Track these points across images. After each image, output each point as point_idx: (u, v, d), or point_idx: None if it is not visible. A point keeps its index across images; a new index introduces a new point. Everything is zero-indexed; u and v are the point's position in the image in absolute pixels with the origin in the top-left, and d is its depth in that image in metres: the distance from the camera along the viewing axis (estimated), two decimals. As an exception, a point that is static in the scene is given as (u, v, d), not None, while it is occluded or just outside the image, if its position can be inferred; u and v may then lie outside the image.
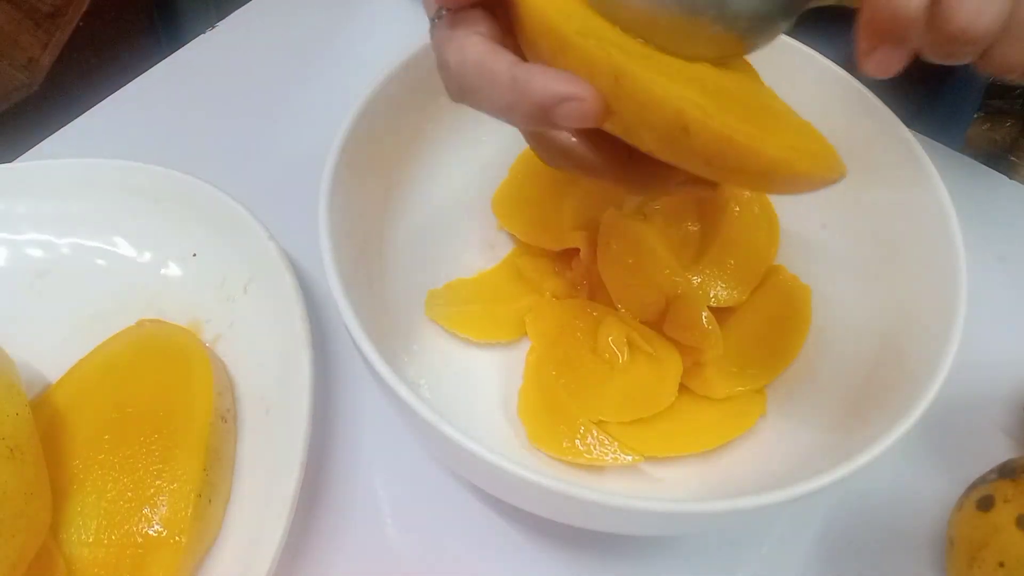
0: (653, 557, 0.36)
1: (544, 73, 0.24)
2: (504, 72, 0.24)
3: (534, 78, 0.24)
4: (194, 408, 0.35)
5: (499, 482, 0.30)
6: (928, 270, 0.34)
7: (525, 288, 0.41)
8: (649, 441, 0.36)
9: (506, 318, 0.40)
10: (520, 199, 0.43)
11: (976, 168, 0.50)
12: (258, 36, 0.56)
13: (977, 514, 0.33)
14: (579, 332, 0.39)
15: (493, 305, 0.40)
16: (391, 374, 0.29)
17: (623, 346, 0.37)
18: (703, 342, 0.37)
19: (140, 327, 0.39)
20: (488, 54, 0.25)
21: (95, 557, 0.32)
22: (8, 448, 0.31)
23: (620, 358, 0.37)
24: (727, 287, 0.40)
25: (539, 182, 0.43)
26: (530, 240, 0.42)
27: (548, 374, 0.37)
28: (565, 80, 0.23)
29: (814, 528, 0.37)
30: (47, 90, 0.60)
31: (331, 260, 0.31)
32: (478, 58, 0.25)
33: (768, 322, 0.39)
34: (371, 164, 0.38)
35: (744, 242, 0.41)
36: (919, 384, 0.30)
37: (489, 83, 0.25)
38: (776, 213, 0.42)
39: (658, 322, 0.38)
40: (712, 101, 0.23)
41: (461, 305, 0.40)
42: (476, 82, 0.25)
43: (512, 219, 0.43)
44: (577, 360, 0.38)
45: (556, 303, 0.40)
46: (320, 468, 0.38)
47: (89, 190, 0.42)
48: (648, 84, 0.23)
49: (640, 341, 0.37)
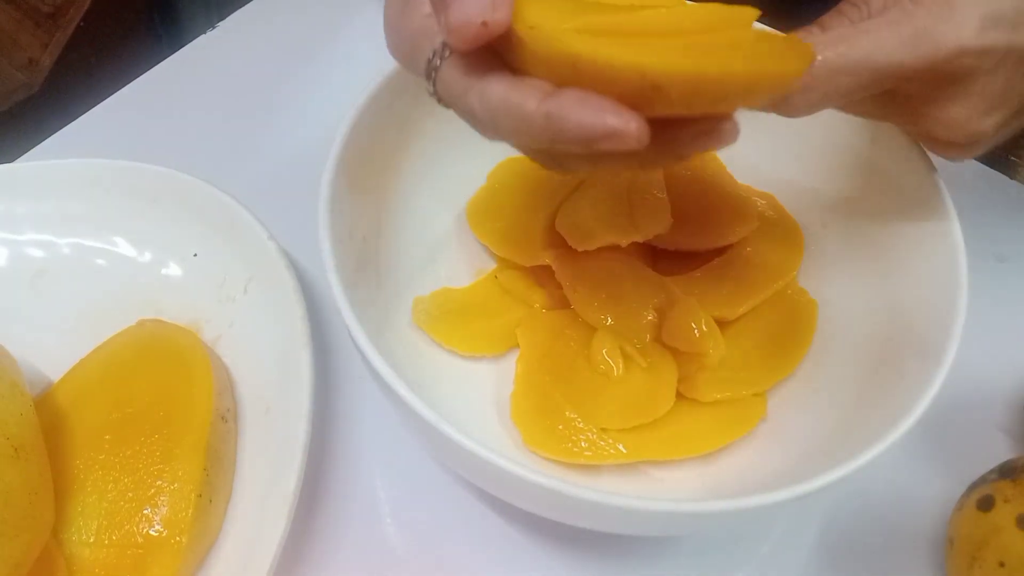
0: (653, 557, 0.36)
1: (578, 105, 0.23)
2: (535, 111, 0.23)
3: (569, 114, 0.23)
4: (194, 408, 0.35)
5: (500, 482, 0.30)
6: (928, 270, 0.34)
7: (514, 300, 0.40)
8: (648, 445, 0.35)
9: (495, 333, 0.39)
10: (493, 208, 0.42)
11: (976, 168, 0.50)
12: (258, 36, 0.56)
13: (977, 514, 0.33)
14: (572, 342, 0.38)
15: (481, 321, 0.39)
16: (391, 373, 0.29)
17: (617, 358, 0.37)
18: (701, 349, 0.37)
19: (140, 327, 0.39)
20: (512, 94, 0.24)
21: (96, 557, 0.32)
22: (13, 448, 0.31)
23: (615, 371, 0.37)
24: (725, 299, 0.39)
25: (515, 192, 0.42)
26: (502, 254, 0.41)
27: (541, 379, 0.37)
28: (602, 111, 0.22)
29: (814, 528, 0.37)
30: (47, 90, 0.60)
31: (331, 260, 0.31)
32: (504, 102, 0.24)
33: (772, 333, 0.39)
34: (372, 164, 0.38)
35: (755, 259, 0.40)
36: (919, 384, 0.30)
37: (525, 125, 0.24)
38: (803, 235, 0.41)
39: (656, 327, 0.38)
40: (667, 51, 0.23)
41: (448, 318, 0.39)
42: (510, 125, 0.24)
43: (485, 229, 0.42)
44: (571, 371, 0.37)
45: (546, 315, 0.39)
46: (320, 468, 0.38)
47: (89, 190, 0.42)
48: (606, 57, 0.23)
49: (634, 353, 0.37)
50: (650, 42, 0.24)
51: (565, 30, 0.24)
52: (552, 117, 0.23)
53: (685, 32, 0.25)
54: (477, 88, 0.24)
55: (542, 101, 0.23)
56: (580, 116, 0.22)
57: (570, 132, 0.23)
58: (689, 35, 0.25)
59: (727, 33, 0.25)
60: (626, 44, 0.23)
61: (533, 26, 0.24)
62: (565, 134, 0.23)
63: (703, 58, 0.23)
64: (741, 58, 0.23)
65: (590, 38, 0.23)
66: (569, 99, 0.23)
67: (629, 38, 0.24)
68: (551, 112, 0.23)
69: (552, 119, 0.23)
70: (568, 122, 0.23)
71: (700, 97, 0.24)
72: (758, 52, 0.24)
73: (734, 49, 0.24)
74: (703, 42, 0.24)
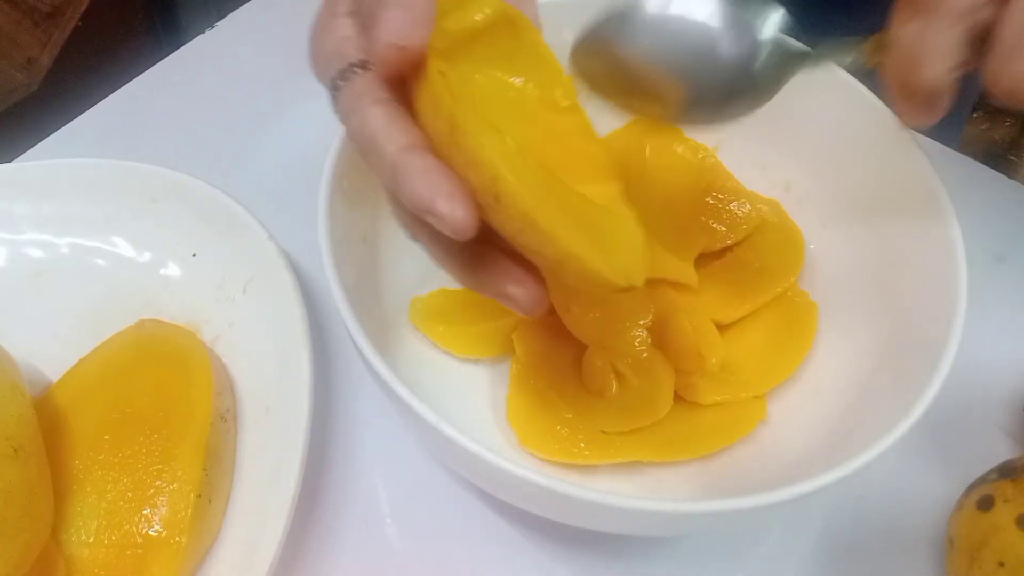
0: (653, 557, 0.36)
1: (422, 175, 0.23)
2: (389, 158, 0.24)
3: (409, 179, 0.23)
4: (194, 408, 0.35)
5: (500, 483, 0.30)
6: (928, 270, 0.34)
7: None
8: (647, 447, 0.35)
9: (491, 336, 0.39)
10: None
11: (975, 168, 0.50)
12: (257, 36, 0.56)
13: (977, 514, 0.33)
14: (569, 347, 0.38)
15: (478, 324, 0.39)
16: (391, 373, 0.29)
17: (610, 377, 0.37)
18: (697, 366, 0.37)
19: (140, 327, 0.39)
20: (381, 131, 0.24)
21: (95, 557, 0.32)
22: (12, 448, 0.31)
23: (608, 391, 0.36)
24: (725, 302, 0.39)
25: None
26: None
27: (538, 383, 0.37)
28: (436, 191, 0.23)
29: (814, 528, 0.37)
30: (46, 90, 0.60)
31: (331, 260, 0.31)
32: (372, 135, 0.24)
33: (771, 335, 0.39)
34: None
35: (756, 263, 0.40)
36: (919, 384, 0.30)
37: (379, 165, 0.24)
38: (804, 240, 0.41)
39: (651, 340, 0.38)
40: (530, 180, 0.23)
41: (445, 319, 0.39)
42: (371, 158, 0.25)
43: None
44: (568, 376, 0.37)
45: (541, 321, 0.39)
46: (320, 468, 0.38)
47: (89, 190, 0.42)
48: (475, 144, 0.23)
49: (626, 371, 0.37)
50: (529, 164, 0.24)
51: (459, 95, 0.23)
52: (397, 171, 0.23)
53: (573, 171, 0.25)
54: (361, 112, 0.25)
55: (399, 151, 0.24)
56: (416, 184, 0.23)
57: (404, 193, 0.23)
58: (577, 178, 0.25)
59: (611, 209, 0.25)
60: (502, 144, 0.23)
61: (443, 72, 0.24)
62: (401, 193, 0.23)
63: (542, 204, 0.23)
64: (576, 236, 0.23)
65: (473, 115, 0.23)
66: (417, 164, 0.23)
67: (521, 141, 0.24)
68: (398, 165, 0.23)
69: (396, 172, 0.23)
70: (405, 184, 0.23)
71: (521, 236, 0.23)
72: (601, 246, 0.23)
73: (580, 227, 0.24)
74: (572, 195, 0.24)
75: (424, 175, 0.23)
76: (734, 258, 0.41)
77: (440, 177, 0.23)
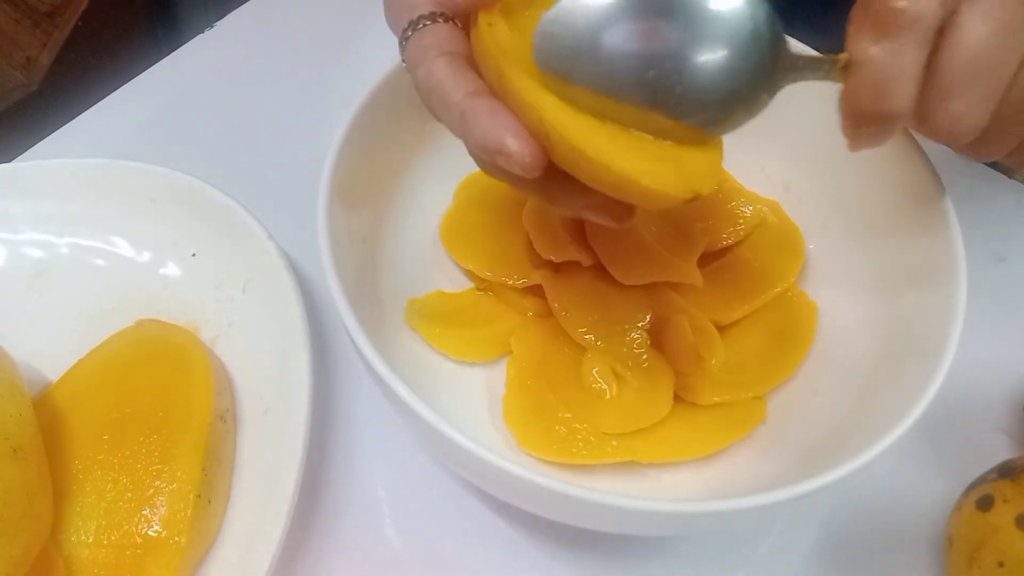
0: (653, 557, 0.36)
1: (489, 116, 0.24)
2: (457, 104, 0.25)
3: (478, 120, 0.24)
4: (193, 408, 0.35)
5: (499, 482, 0.30)
6: (927, 270, 0.34)
7: (506, 308, 0.40)
8: (647, 447, 0.35)
9: (486, 341, 0.39)
10: (467, 229, 0.41)
11: (975, 168, 0.50)
12: (257, 36, 0.56)
13: (976, 514, 0.33)
14: (567, 350, 0.38)
15: (473, 328, 0.39)
16: (390, 373, 0.29)
17: (610, 379, 0.37)
18: (696, 368, 0.36)
19: (139, 327, 0.39)
20: (448, 80, 0.25)
21: (95, 558, 0.32)
22: (11, 448, 0.31)
23: (607, 393, 0.36)
24: (725, 303, 0.39)
25: (486, 210, 0.41)
26: (485, 275, 0.40)
27: (536, 384, 0.37)
28: (504, 129, 0.24)
29: (814, 528, 0.37)
30: (45, 89, 0.60)
31: (330, 261, 0.31)
32: (439, 84, 0.25)
33: (771, 335, 0.39)
34: (371, 165, 0.38)
35: (756, 263, 0.40)
36: (918, 384, 0.30)
37: (446, 113, 0.25)
38: (803, 240, 0.41)
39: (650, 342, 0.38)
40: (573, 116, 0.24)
41: (440, 322, 0.39)
42: (436, 106, 0.26)
43: (465, 253, 0.40)
44: (567, 378, 0.37)
45: (539, 323, 0.39)
46: (320, 468, 0.38)
47: (88, 190, 0.42)
48: (519, 88, 0.24)
49: (625, 373, 0.37)
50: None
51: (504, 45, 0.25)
52: (465, 115, 0.24)
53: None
54: (428, 63, 0.26)
55: (465, 97, 0.25)
56: (485, 125, 0.24)
57: (474, 135, 0.24)
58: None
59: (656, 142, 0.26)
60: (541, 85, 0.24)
61: (491, 23, 0.25)
62: (471, 136, 0.24)
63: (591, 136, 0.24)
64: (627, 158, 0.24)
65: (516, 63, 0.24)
66: (484, 106, 0.24)
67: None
68: (466, 111, 0.24)
69: (465, 116, 0.24)
70: (475, 126, 0.24)
71: (578, 168, 0.24)
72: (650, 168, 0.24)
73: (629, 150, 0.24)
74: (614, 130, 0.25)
75: (491, 116, 0.24)
76: (734, 258, 0.41)
77: (507, 117, 0.24)
